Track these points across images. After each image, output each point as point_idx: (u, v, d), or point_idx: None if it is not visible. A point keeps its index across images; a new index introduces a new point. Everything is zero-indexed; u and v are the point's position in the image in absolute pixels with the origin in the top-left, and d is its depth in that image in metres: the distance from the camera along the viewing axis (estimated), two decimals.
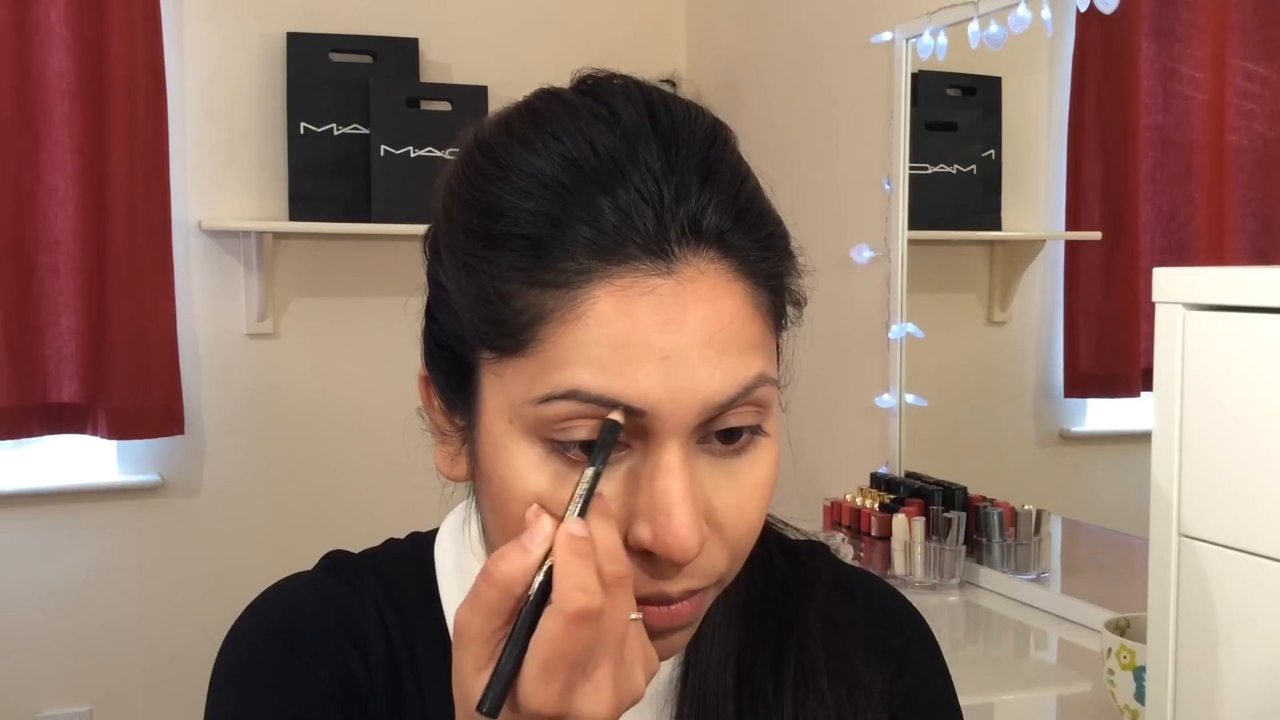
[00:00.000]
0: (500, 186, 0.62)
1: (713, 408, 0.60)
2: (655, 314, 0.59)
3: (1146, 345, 1.14)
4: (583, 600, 0.55)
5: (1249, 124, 1.83)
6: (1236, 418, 0.93)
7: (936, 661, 0.81)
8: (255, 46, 2.82)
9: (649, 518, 0.60)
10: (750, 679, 0.72)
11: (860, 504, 2.17)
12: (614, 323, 0.59)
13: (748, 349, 0.61)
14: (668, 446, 0.60)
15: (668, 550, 0.59)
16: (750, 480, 0.63)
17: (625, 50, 2.97)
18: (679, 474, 0.60)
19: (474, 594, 0.57)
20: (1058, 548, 2.10)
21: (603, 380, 0.58)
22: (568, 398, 0.59)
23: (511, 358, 0.61)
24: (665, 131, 0.62)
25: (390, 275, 2.86)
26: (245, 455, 2.84)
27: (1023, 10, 1.92)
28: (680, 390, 0.59)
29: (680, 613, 0.63)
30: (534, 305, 0.60)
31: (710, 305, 0.60)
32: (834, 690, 0.73)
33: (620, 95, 0.64)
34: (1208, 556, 0.96)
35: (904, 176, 2.28)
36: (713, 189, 0.61)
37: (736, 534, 0.64)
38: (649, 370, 0.59)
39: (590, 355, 0.59)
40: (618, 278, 0.59)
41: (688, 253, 0.60)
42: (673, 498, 0.59)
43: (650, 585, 0.62)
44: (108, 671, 2.76)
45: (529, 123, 0.64)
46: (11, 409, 2.58)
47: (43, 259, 2.62)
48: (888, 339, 2.31)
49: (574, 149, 0.61)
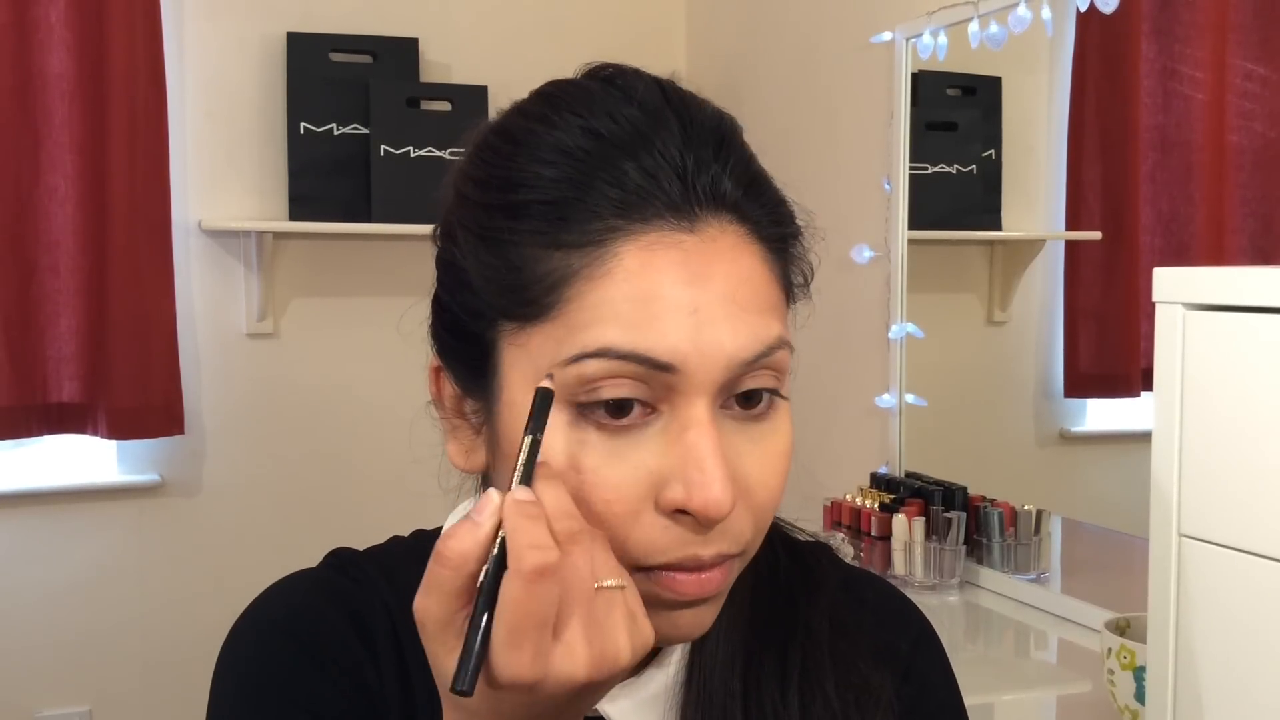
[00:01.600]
0: (520, 160, 0.63)
1: (737, 365, 0.61)
2: (681, 268, 0.60)
3: (1146, 345, 1.15)
4: (538, 557, 0.54)
5: (1249, 124, 1.83)
6: (1236, 418, 0.93)
7: (943, 665, 0.81)
8: (255, 46, 2.82)
9: (681, 475, 0.60)
10: (757, 682, 0.71)
11: (860, 504, 2.17)
12: (640, 278, 0.60)
13: (767, 310, 0.63)
14: (696, 404, 0.60)
15: (704, 506, 0.59)
16: (772, 447, 0.64)
17: (625, 50, 2.95)
18: (709, 429, 0.60)
19: (428, 579, 0.56)
20: (1058, 548, 2.10)
21: (632, 335, 0.59)
22: (598, 355, 0.59)
23: (536, 323, 0.61)
24: (679, 108, 0.64)
25: (390, 275, 2.86)
26: (245, 455, 2.84)
27: (1023, 10, 1.92)
28: (708, 344, 0.60)
29: (712, 580, 0.62)
30: (559, 267, 0.61)
31: (732, 263, 0.62)
32: (840, 695, 0.72)
33: (633, 77, 0.66)
34: (1208, 556, 0.96)
35: (904, 176, 2.28)
36: (727, 160, 0.63)
37: (760, 500, 0.64)
38: (677, 323, 0.59)
39: (619, 311, 0.59)
40: (643, 234, 0.60)
41: (708, 215, 0.62)
42: (704, 452, 0.60)
43: (682, 548, 0.61)
44: (107, 671, 2.76)
45: (545, 104, 0.65)
46: (11, 409, 2.58)
47: (43, 259, 2.62)
48: (888, 339, 2.31)
49: (595, 121, 0.63)
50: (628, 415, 0.61)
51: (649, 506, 0.61)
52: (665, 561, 0.61)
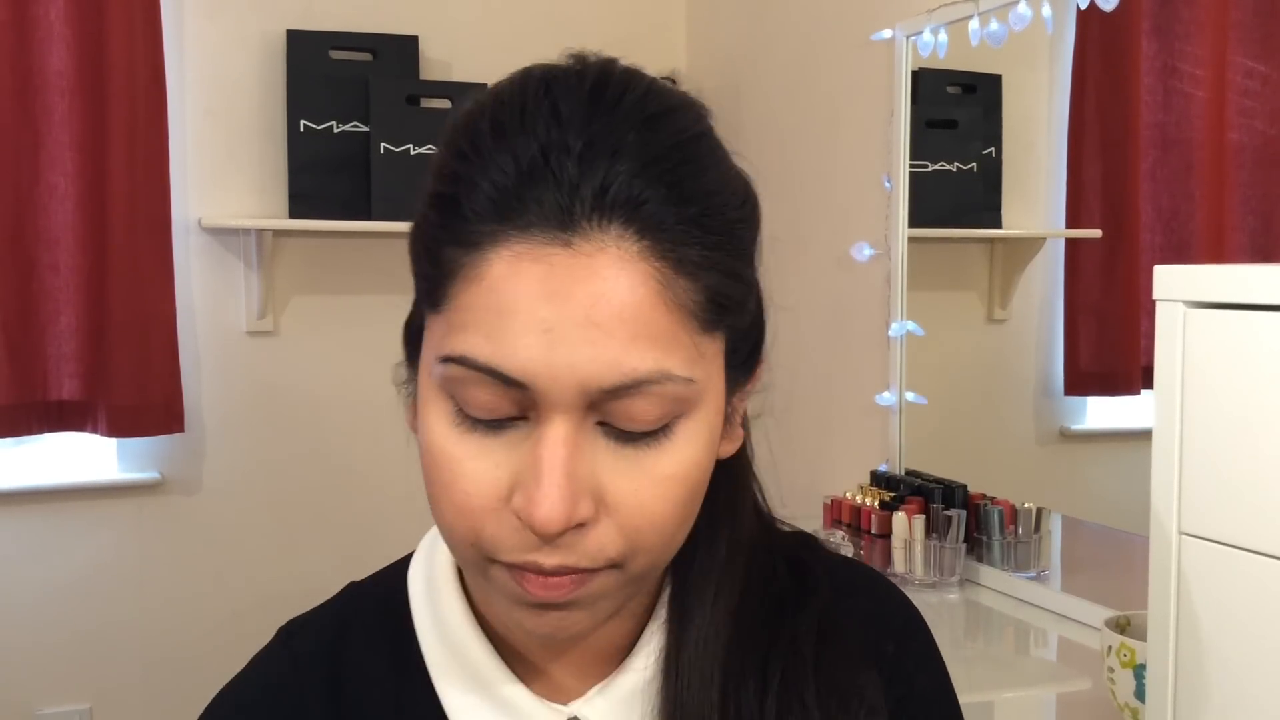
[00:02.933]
0: (441, 150, 0.63)
1: (594, 391, 0.58)
2: (541, 284, 0.57)
3: (1147, 343, 1.14)
4: None
5: (1249, 122, 1.83)
6: (1237, 416, 0.93)
7: (934, 659, 0.80)
8: (255, 44, 2.82)
9: (521, 485, 0.60)
10: (736, 690, 0.71)
11: (860, 502, 2.17)
12: (504, 288, 0.58)
13: (643, 338, 0.58)
14: (551, 420, 0.59)
15: (530, 518, 0.59)
16: (655, 470, 0.61)
17: (625, 48, 2.94)
18: (556, 446, 0.59)
19: None
20: (1058, 545, 2.10)
21: (489, 348, 0.58)
22: (459, 363, 0.59)
23: (435, 314, 0.62)
24: (601, 103, 0.61)
25: (390, 273, 2.85)
26: (245, 453, 2.84)
27: (1023, 8, 1.92)
28: (558, 367, 0.57)
29: (556, 585, 0.61)
30: (448, 261, 0.61)
31: (603, 283, 0.57)
32: (822, 703, 0.71)
33: (577, 60, 0.64)
34: (1208, 554, 0.96)
35: (904, 174, 2.28)
36: (632, 159, 0.59)
37: (633, 523, 0.61)
38: (528, 342, 0.58)
39: (480, 320, 0.59)
40: (515, 243, 0.58)
41: (593, 227, 0.58)
42: (542, 468, 0.59)
43: (525, 552, 0.61)
44: (108, 669, 2.76)
45: (487, 92, 0.65)
46: (11, 407, 2.58)
47: (43, 256, 2.62)
48: (888, 337, 2.31)
49: (502, 113, 0.61)
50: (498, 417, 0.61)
51: (506, 506, 0.61)
52: (510, 560, 0.61)
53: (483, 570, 0.64)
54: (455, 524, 0.62)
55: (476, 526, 0.61)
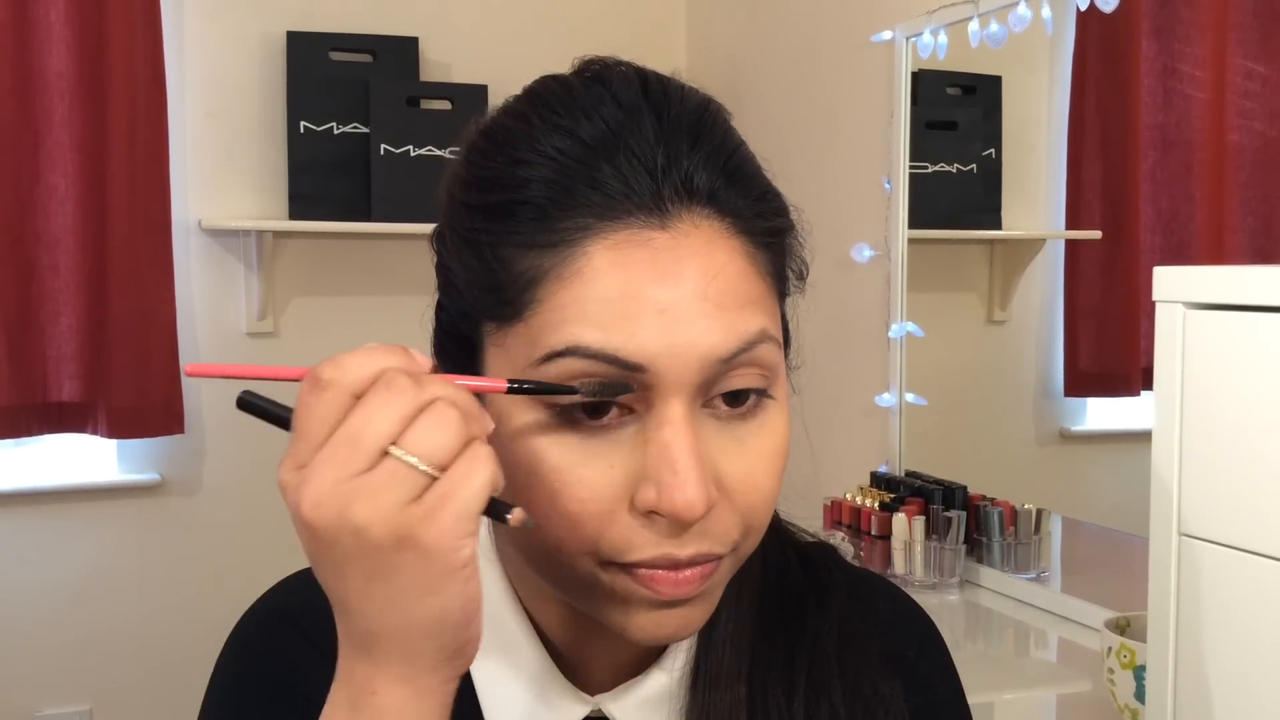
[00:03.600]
0: (499, 160, 0.63)
1: (713, 363, 0.60)
2: (650, 267, 0.59)
3: (1146, 344, 1.14)
4: (321, 370, 0.54)
5: (1249, 123, 1.83)
6: (1237, 417, 0.93)
7: (950, 669, 0.81)
8: (255, 45, 2.82)
9: (654, 476, 0.59)
10: (763, 689, 0.71)
11: (860, 503, 2.17)
12: (609, 277, 0.59)
13: (747, 304, 0.61)
14: (671, 404, 0.59)
15: (673, 507, 0.59)
16: (760, 446, 0.63)
17: (625, 49, 2.94)
18: (683, 429, 0.59)
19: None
20: (1058, 547, 2.10)
21: (601, 335, 0.58)
22: (567, 354, 0.59)
23: (512, 324, 0.61)
24: (658, 101, 0.63)
25: (390, 274, 2.85)
26: (245, 454, 2.83)
27: (1023, 9, 1.92)
28: (678, 345, 0.59)
29: (690, 579, 0.61)
30: (531, 268, 0.60)
31: (705, 258, 0.60)
32: (848, 704, 0.72)
33: (615, 72, 0.65)
34: (1208, 555, 0.96)
35: (904, 175, 2.28)
36: (703, 150, 0.62)
37: (748, 501, 0.62)
38: (646, 324, 0.58)
39: (588, 311, 0.59)
40: (611, 233, 0.59)
41: (681, 210, 0.60)
42: (675, 453, 0.59)
43: (656, 548, 0.60)
44: (108, 670, 2.76)
45: (527, 103, 0.65)
46: (11, 408, 2.58)
47: (43, 258, 2.62)
48: (888, 338, 2.31)
49: (568, 120, 0.62)
50: (604, 416, 0.60)
51: (624, 506, 0.60)
52: (640, 559, 0.61)
53: (592, 581, 0.62)
54: (570, 535, 0.61)
55: (595, 533, 0.61)
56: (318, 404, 0.55)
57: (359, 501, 0.53)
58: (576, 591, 0.64)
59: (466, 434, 0.54)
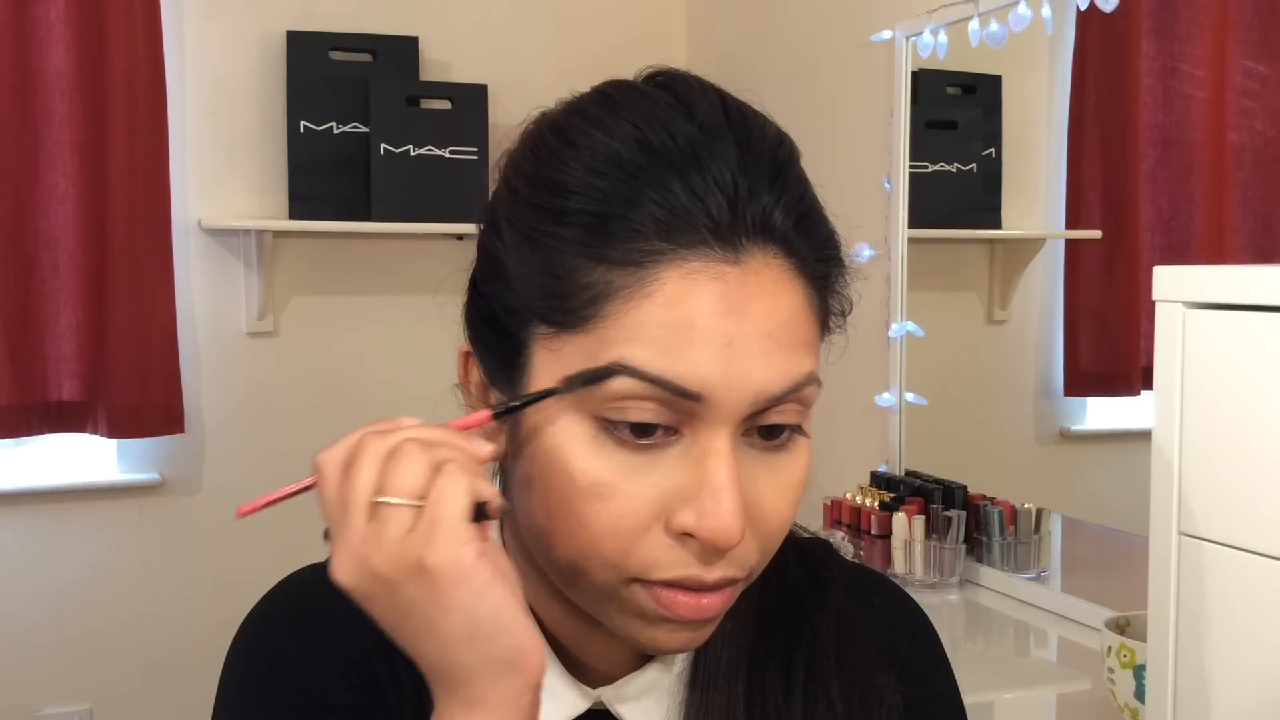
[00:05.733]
0: (572, 164, 0.62)
1: (764, 400, 0.61)
2: (720, 300, 0.60)
3: (1146, 344, 1.14)
4: (315, 458, 0.61)
5: (1249, 122, 1.83)
6: (1237, 416, 0.93)
7: (944, 663, 0.82)
8: (255, 45, 2.82)
9: (695, 502, 0.61)
10: (761, 685, 0.72)
11: (860, 502, 2.17)
12: (679, 305, 0.60)
13: (801, 346, 0.63)
14: (719, 433, 0.61)
15: (714, 535, 0.60)
16: (788, 477, 0.65)
17: (625, 48, 2.97)
18: (728, 460, 0.61)
19: None
20: (1058, 546, 2.10)
21: (662, 361, 0.59)
22: (621, 373, 0.60)
23: (571, 333, 0.61)
24: (739, 129, 0.63)
25: (390, 274, 2.85)
26: (245, 454, 2.83)
27: (1023, 8, 1.92)
28: (736, 378, 0.60)
29: (712, 605, 0.63)
30: (600, 282, 0.60)
31: (773, 298, 0.61)
32: (845, 697, 0.72)
33: (696, 90, 0.65)
34: (1208, 555, 0.96)
35: (904, 175, 2.28)
36: (781, 190, 0.63)
37: (769, 529, 0.64)
38: (709, 355, 0.60)
39: (652, 335, 0.60)
40: (686, 261, 0.60)
41: (754, 246, 0.61)
42: (721, 482, 0.60)
43: (685, 568, 0.62)
44: (108, 670, 2.76)
45: (603, 107, 0.64)
46: (11, 407, 2.58)
47: (43, 257, 2.62)
48: (888, 337, 2.31)
49: (651, 134, 0.62)
50: (651, 436, 0.61)
51: (659, 525, 0.62)
52: (667, 579, 0.62)
53: (611, 592, 0.63)
54: (599, 546, 0.62)
55: (626, 548, 0.62)
56: (324, 488, 0.60)
57: (369, 551, 0.58)
58: (591, 599, 0.65)
59: (432, 460, 0.58)
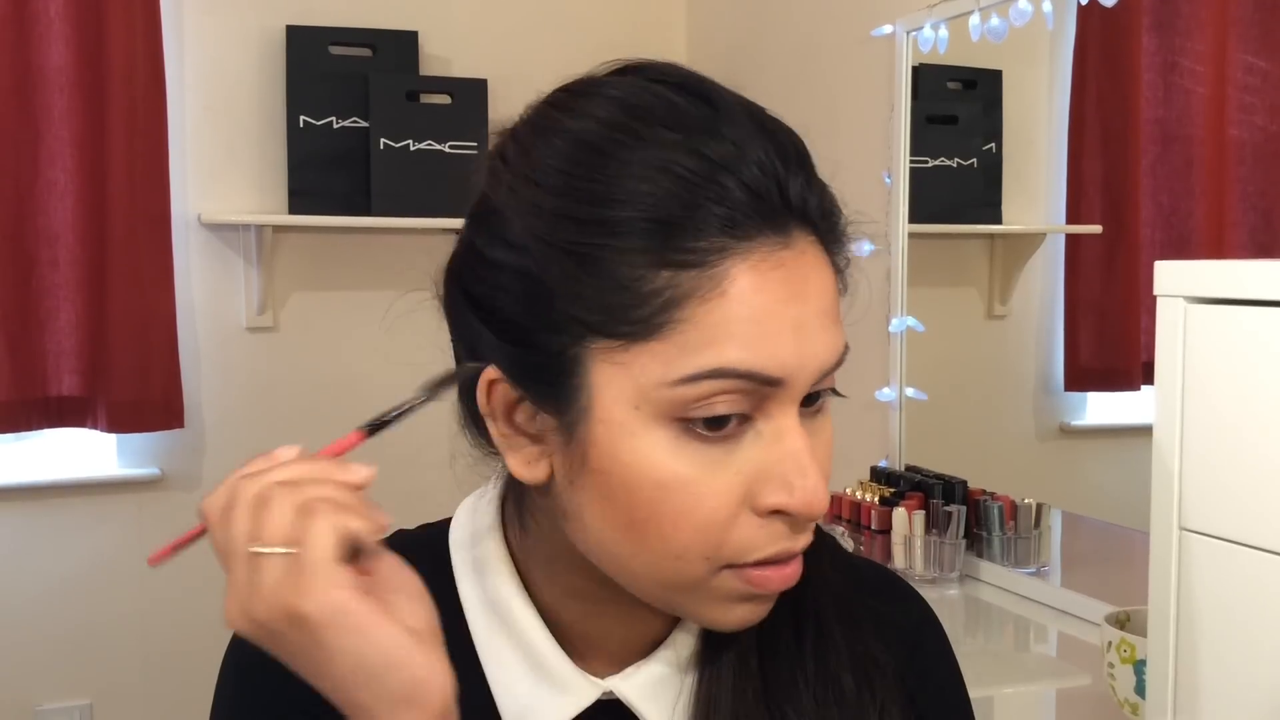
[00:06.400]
0: (612, 173, 0.62)
1: (823, 373, 0.64)
2: (785, 287, 0.62)
3: (1147, 339, 1.14)
4: (200, 506, 0.63)
5: (1250, 118, 1.83)
6: (1237, 411, 0.93)
7: (949, 656, 0.83)
8: (254, 40, 2.82)
9: (779, 479, 0.63)
10: (771, 670, 0.73)
11: (860, 497, 2.17)
12: (754, 298, 0.61)
13: (839, 319, 0.66)
14: (790, 412, 0.64)
15: (807, 507, 0.63)
16: (826, 438, 0.68)
17: (625, 42, 2.96)
18: (803, 434, 0.64)
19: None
20: (1058, 541, 2.10)
21: (748, 355, 0.61)
22: (715, 376, 0.61)
23: (642, 342, 0.61)
24: (761, 119, 0.65)
25: (390, 269, 2.85)
26: (245, 448, 2.80)
27: (1024, 3, 1.92)
28: (807, 357, 0.63)
29: (797, 571, 0.66)
30: (669, 287, 0.61)
31: (820, 277, 0.64)
32: (853, 668, 0.74)
33: (708, 84, 0.66)
34: (1208, 550, 0.96)
35: (904, 170, 2.27)
36: (808, 172, 0.65)
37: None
38: (785, 341, 0.62)
39: (735, 332, 0.61)
40: (750, 253, 0.61)
41: (798, 229, 0.63)
42: (805, 458, 0.63)
43: (776, 544, 0.64)
44: (108, 665, 2.77)
45: (630, 116, 0.64)
46: (11, 402, 2.58)
47: (42, 252, 2.62)
48: (888, 332, 2.31)
49: (694, 138, 0.62)
50: (725, 427, 0.62)
51: (746, 509, 0.63)
52: (760, 558, 0.64)
53: (701, 582, 0.65)
54: (693, 543, 0.63)
55: (718, 539, 0.63)
56: (211, 536, 0.64)
57: (250, 601, 0.61)
58: (673, 593, 0.66)
59: (298, 502, 0.60)
